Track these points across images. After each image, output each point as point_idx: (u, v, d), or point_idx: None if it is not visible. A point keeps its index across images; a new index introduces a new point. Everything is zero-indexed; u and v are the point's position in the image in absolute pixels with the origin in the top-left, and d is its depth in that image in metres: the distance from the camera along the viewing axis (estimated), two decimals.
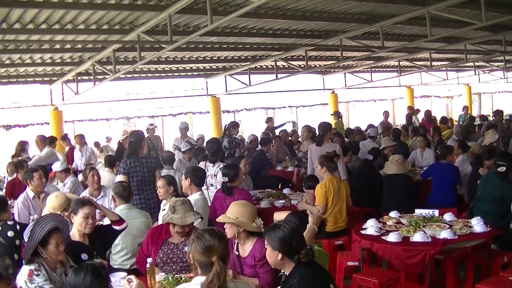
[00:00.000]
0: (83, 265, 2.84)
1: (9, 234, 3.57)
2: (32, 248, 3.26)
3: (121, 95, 16.64)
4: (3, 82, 11.46)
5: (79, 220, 4.00)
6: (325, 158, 6.06)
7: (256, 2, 6.07)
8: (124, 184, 5.08)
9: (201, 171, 5.66)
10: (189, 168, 5.58)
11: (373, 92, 20.17)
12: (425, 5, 7.89)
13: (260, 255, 3.71)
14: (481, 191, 5.61)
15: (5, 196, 6.45)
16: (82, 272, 2.71)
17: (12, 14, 6.74)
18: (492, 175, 5.63)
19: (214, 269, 2.64)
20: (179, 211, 3.99)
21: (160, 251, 4.07)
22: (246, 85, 14.04)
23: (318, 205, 5.77)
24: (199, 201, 5.07)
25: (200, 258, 2.72)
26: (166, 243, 4.10)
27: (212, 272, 2.63)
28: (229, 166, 6.02)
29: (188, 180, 5.23)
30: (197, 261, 2.74)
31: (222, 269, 2.65)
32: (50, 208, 4.64)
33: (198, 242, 2.73)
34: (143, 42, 8.10)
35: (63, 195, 4.88)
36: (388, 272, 4.76)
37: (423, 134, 9.45)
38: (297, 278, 2.93)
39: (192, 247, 2.75)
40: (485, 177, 5.80)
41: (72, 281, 2.72)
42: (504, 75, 20.24)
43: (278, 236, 2.99)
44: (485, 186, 5.60)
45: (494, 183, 5.51)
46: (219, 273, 2.63)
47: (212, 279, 2.62)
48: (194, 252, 2.74)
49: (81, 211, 4.01)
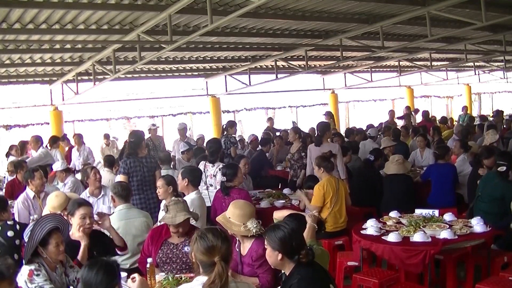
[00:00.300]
0: (97, 260, 2.85)
1: (9, 234, 3.58)
2: (32, 248, 3.26)
3: (121, 95, 16.61)
4: (3, 82, 11.46)
5: (76, 221, 3.98)
6: (322, 159, 6.06)
7: (256, 2, 6.07)
8: (123, 184, 5.07)
9: (198, 171, 5.66)
10: (186, 168, 5.55)
11: (373, 92, 20.16)
12: (425, 5, 7.90)
13: (256, 255, 3.72)
14: (481, 191, 5.61)
15: (5, 196, 6.45)
16: (95, 267, 2.72)
17: (12, 14, 6.74)
18: (492, 175, 5.63)
19: (216, 269, 2.63)
20: (171, 210, 4.01)
21: (159, 251, 4.07)
22: (246, 85, 14.04)
23: (313, 205, 5.78)
24: (195, 200, 5.08)
25: (202, 257, 2.71)
26: (165, 243, 4.10)
27: (214, 273, 2.63)
28: (228, 165, 6.03)
29: (185, 180, 5.24)
30: (199, 261, 2.74)
31: (224, 270, 2.65)
32: (50, 208, 4.64)
33: (201, 242, 2.72)
34: (143, 42, 8.10)
35: (63, 194, 4.88)
36: (388, 272, 4.76)
37: (423, 134, 9.44)
38: (297, 278, 2.93)
39: (195, 246, 2.75)
40: (485, 177, 5.80)
41: (85, 275, 2.73)
42: (504, 75, 20.24)
43: (278, 236, 2.99)
44: (485, 186, 5.60)
45: (494, 182, 5.51)
46: (221, 274, 2.63)
47: (214, 279, 2.62)
48: (196, 251, 2.74)
49: (78, 212, 3.95)
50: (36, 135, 9.63)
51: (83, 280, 2.73)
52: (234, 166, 5.90)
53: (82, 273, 2.77)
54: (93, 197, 5.95)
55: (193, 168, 5.63)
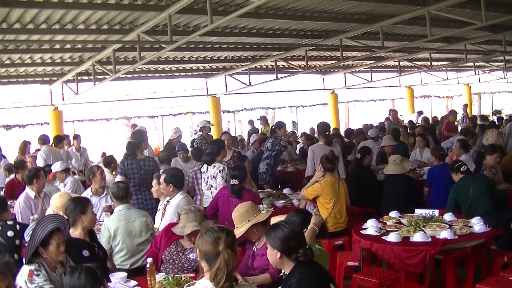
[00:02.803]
0: (78, 266, 2.89)
1: (9, 234, 3.57)
2: (33, 248, 3.26)
3: (121, 95, 16.63)
4: (3, 82, 11.47)
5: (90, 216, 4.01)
6: (326, 160, 6.09)
7: (256, 2, 6.07)
8: (119, 185, 5.00)
9: (180, 173, 5.49)
10: (168, 173, 5.37)
11: (373, 92, 20.18)
12: (425, 5, 7.90)
13: None
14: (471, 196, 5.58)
15: (5, 196, 6.45)
16: (77, 273, 2.78)
17: (12, 14, 6.74)
18: (467, 179, 5.68)
19: (221, 256, 2.63)
20: (182, 220, 4.02)
21: (168, 248, 4.10)
22: (246, 85, 14.04)
23: (303, 194, 6.00)
24: (182, 201, 5.08)
25: (207, 248, 2.69)
26: (175, 243, 4.11)
27: (220, 259, 2.62)
28: (237, 168, 5.98)
29: (170, 185, 5.20)
30: (204, 254, 2.71)
31: (230, 257, 2.64)
32: (53, 208, 4.64)
33: (207, 233, 2.73)
34: (143, 42, 8.10)
35: (67, 195, 4.87)
36: (388, 272, 4.76)
37: (421, 134, 9.45)
38: (296, 277, 2.94)
39: (200, 240, 2.75)
40: (466, 184, 5.71)
41: (68, 282, 2.79)
42: (504, 75, 20.25)
43: (277, 235, 3.02)
44: (475, 188, 5.58)
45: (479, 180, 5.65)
46: (227, 260, 2.62)
47: (220, 265, 2.61)
48: (201, 243, 2.73)
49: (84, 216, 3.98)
50: (43, 134, 9.64)
51: (67, 287, 2.78)
52: (243, 168, 5.89)
53: (65, 281, 2.83)
54: (96, 196, 5.97)
55: (175, 172, 5.49)
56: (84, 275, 2.75)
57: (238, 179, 5.60)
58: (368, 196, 6.92)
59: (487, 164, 6.43)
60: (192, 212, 4.07)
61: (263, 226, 3.96)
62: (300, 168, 9.42)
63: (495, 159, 6.36)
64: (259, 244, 4.01)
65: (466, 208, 5.54)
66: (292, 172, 9.46)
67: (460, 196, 5.62)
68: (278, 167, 9.78)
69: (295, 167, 9.58)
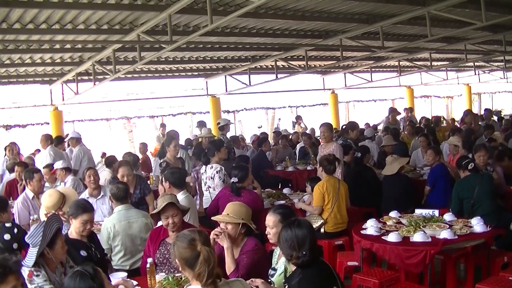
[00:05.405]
0: (74, 270, 2.87)
1: (5, 237, 3.48)
2: (42, 248, 3.25)
3: (121, 95, 16.64)
4: (3, 82, 11.46)
5: (77, 225, 4.01)
6: (324, 159, 6.08)
7: (256, 2, 6.07)
8: (119, 186, 4.99)
9: (179, 172, 5.50)
10: (167, 171, 5.46)
11: (373, 92, 20.18)
12: (425, 5, 7.90)
13: (246, 248, 3.79)
14: (475, 196, 5.58)
15: (4, 195, 6.45)
16: (73, 275, 2.75)
17: (12, 14, 6.74)
18: (474, 177, 5.66)
19: (201, 255, 2.61)
20: (159, 202, 4.10)
21: (157, 252, 4.08)
22: (246, 85, 14.04)
23: (315, 206, 5.81)
24: (183, 201, 5.07)
25: (186, 253, 2.67)
26: (163, 243, 4.11)
27: (200, 258, 2.61)
28: (238, 167, 5.99)
29: (167, 183, 5.27)
30: (184, 260, 2.69)
31: (209, 253, 2.63)
32: (44, 207, 4.64)
33: (180, 240, 2.73)
34: (143, 42, 8.10)
35: (57, 193, 4.85)
36: (388, 272, 4.75)
37: (424, 134, 9.39)
38: (298, 278, 2.93)
39: (175, 248, 2.74)
40: (471, 182, 5.68)
41: (66, 284, 2.77)
42: (504, 75, 20.24)
43: (282, 236, 3.03)
44: (479, 189, 5.57)
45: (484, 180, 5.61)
46: (207, 257, 2.61)
47: (201, 264, 2.59)
48: (178, 251, 2.71)
49: (80, 217, 4.00)
50: (48, 134, 9.60)
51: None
52: (244, 168, 5.90)
53: (65, 282, 2.81)
54: (93, 198, 5.94)
55: (173, 170, 5.52)
56: (79, 277, 2.72)
57: (237, 177, 5.61)
58: (368, 196, 6.92)
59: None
60: (168, 195, 4.19)
61: (246, 235, 3.87)
62: (300, 168, 9.43)
63: (477, 158, 6.31)
64: (235, 252, 3.81)
65: (469, 206, 5.54)
66: (292, 172, 9.45)
67: (464, 193, 5.61)
68: (279, 167, 9.79)
69: (295, 167, 9.57)
